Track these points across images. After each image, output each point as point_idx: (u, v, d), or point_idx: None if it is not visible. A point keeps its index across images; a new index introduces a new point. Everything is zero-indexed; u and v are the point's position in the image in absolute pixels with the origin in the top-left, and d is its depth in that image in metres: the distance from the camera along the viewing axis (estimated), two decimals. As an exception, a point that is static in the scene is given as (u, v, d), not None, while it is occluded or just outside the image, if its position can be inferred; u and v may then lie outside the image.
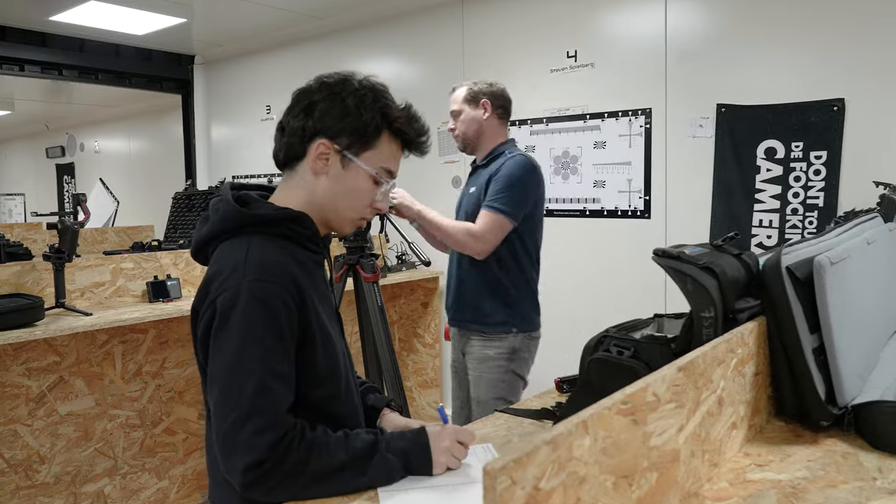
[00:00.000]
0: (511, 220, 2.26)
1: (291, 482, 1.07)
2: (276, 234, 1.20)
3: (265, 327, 1.10)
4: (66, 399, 2.90)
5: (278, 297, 1.12)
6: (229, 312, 1.10)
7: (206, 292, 1.15)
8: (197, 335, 1.18)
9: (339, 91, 1.23)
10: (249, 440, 1.05)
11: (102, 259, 3.10)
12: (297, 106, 1.24)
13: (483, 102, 2.41)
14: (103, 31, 4.76)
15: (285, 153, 1.26)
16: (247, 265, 1.13)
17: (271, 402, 1.08)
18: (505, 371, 2.32)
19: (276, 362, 1.10)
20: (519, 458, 0.65)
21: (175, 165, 6.14)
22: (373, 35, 4.59)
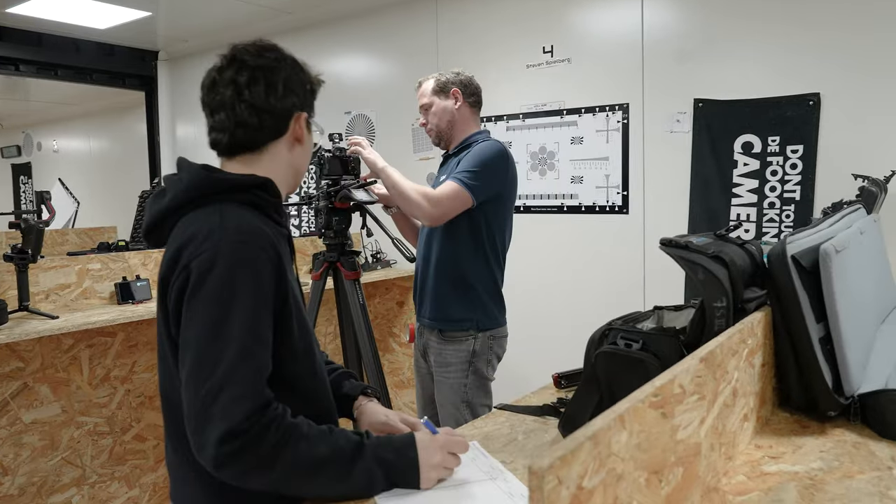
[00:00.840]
0: (471, 195, 2.17)
1: (266, 466, 0.99)
2: (244, 202, 1.14)
3: (247, 289, 1.03)
4: (31, 406, 2.78)
5: (260, 260, 1.06)
6: (207, 275, 1.03)
7: (177, 259, 1.07)
8: (168, 308, 1.09)
9: (286, 60, 1.23)
10: (225, 408, 0.96)
11: (68, 260, 2.97)
12: (256, 82, 1.18)
13: (453, 92, 2.36)
14: (63, 24, 4.58)
15: (260, 133, 1.20)
16: (223, 227, 1.06)
17: (252, 370, 1.00)
18: (465, 375, 2.27)
19: (259, 327, 1.04)
20: (563, 456, 0.61)
21: (138, 165, 5.97)
22: (344, 30, 4.51)
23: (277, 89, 1.19)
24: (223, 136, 1.20)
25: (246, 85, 1.17)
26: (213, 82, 1.20)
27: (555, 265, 3.59)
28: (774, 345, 1.29)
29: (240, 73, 1.18)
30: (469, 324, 2.27)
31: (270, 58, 1.21)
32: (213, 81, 1.20)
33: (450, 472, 1.09)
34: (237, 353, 1.00)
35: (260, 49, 1.22)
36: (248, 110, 1.17)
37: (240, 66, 1.18)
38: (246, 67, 1.18)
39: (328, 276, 2.54)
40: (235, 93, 1.17)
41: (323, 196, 2.44)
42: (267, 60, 1.20)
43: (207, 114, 1.22)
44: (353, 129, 4.48)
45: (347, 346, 2.62)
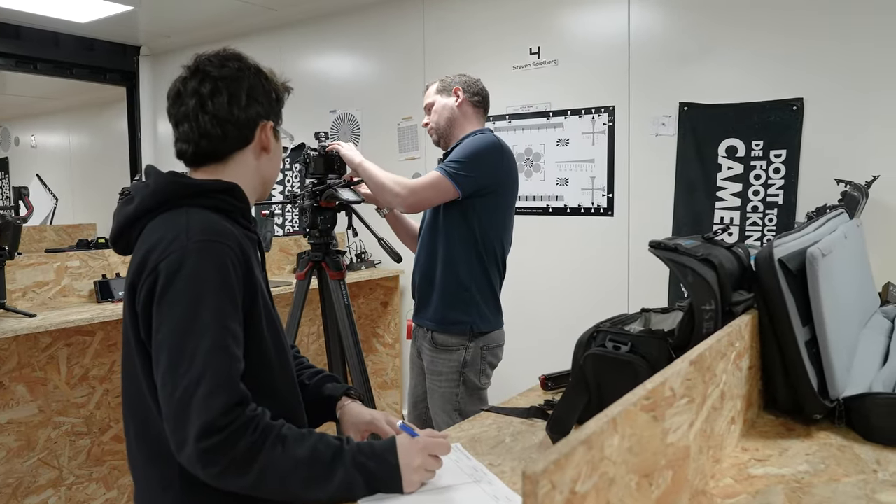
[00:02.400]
0: (455, 185, 2.10)
1: (243, 467, 0.98)
2: (210, 207, 1.15)
3: (216, 286, 1.04)
4: (7, 406, 2.73)
5: (227, 258, 1.07)
6: (175, 275, 1.03)
7: (145, 263, 1.07)
8: (136, 311, 1.08)
9: (250, 70, 1.23)
10: (201, 403, 0.97)
11: (46, 257, 2.92)
12: (219, 92, 1.18)
13: (455, 90, 2.32)
14: (42, 17, 4.51)
15: (223, 143, 1.20)
16: (189, 229, 1.07)
17: (225, 364, 1.01)
18: (456, 385, 2.23)
19: (229, 321, 1.04)
20: (558, 460, 0.60)
21: (118, 161, 5.90)
22: (329, 28, 4.49)
23: (240, 99, 1.19)
24: (188, 147, 1.20)
25: (209, 96, 1.18)
26: (178, 93, 1.21)
27: (540, 266, 3.60)
28: (761, 347, 1.29)
29: (203, 84, 1.18)
30: (464, 326, 2.21)
31: (233, 68, 1.21)
32: (178, 92, 1.21)
33: (432, 474, 1.08)
34: (210, 348, 1.00)
35: (223, 59, 1.21)
36: (212, 121, 1.18)
37: (203, 76, 1.19)
38: (209, 78, 1.18)
39: (313, 275, 2.51)
40: (199, 104, 1.18)
41: (308, 195, 2.42)
42: (229, 71, 1.20)
43: (173, 125, 1.22)
44: (338, 127, 4.46)
45: (332, 346, 2.60)
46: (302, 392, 1.30)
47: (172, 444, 1.00)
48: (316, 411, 1.34)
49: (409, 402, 2.48)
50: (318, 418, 1.34)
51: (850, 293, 1.54)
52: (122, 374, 1.18)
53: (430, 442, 1.08)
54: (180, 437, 0.98)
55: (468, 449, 1.24)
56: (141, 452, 1.15)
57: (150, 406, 1.09)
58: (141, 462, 1.15)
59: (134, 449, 1.17)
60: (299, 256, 2.52)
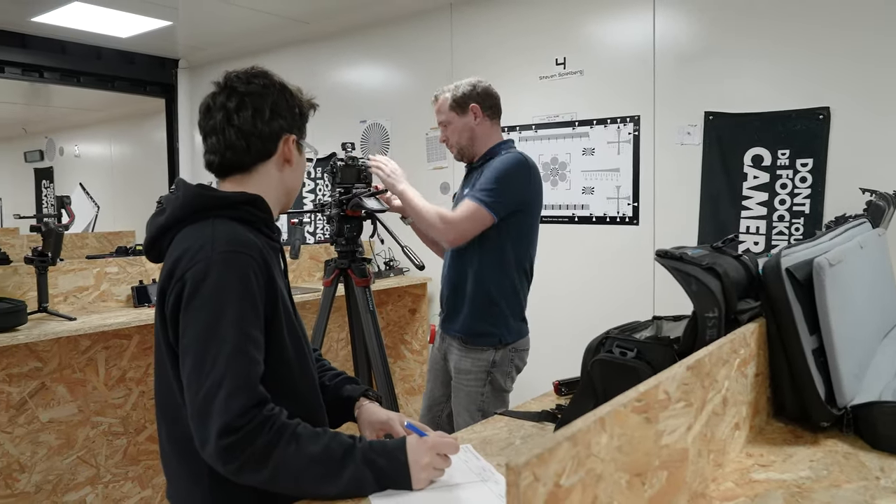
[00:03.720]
0: (491, 213, 2.15)
1: (260, 463, 1.05)
2: (235, 218, 1.22)
3: (239, 294, 1.11)
4: (48, 406, 2.84)
5: (250, 267, 1.14)
6: (201, 284, 1.10)
7: (173, 271, 1.15)
8: (165, 316, 1.16)
9: (274, 86, 1.31)
10: (222, 404, 1.04)
11: (86, 263, 3.05)
12: (244, 107, 1.26)
13: (472, 108, 2.34)
14: (86, 32, 4.70)
15: (248, 155, 1.27)
16: (215, 240, 1.15)
17: (245, 367, 1.08)
18: (483, 384, 2.26)
19: (250, 328, 1.11)
20: (541, 454, 0.64)
21: (158, 170, 6.08)
22: (359, 41, 4.59)
23: (264, 114, 1.27)
24: (215, 158, 1.29)
25: (235, 110, 1.26)
26: (208, 108, 1.29)
27: (565, 275, 3.62)
28: (769, 355, 1.31)
29: (230, 99, 1.26)
30: (492, 339, 2.26)
31: (258, 84, 1.29)
32: (208, 107, 1.29)
33: (440, 472, 1.13)
34: (231, 353, 1.07)
35: (249, 76, 1.29)
36: (237, 134, 1.26)
37: (230, 92, 1.27)
38: (235, 94, 1.27)
39: (339, 282, 2.58)
40: (225, 118, 1.26)
41: (335, 204, 2.49)
42: (255, 87, 1.28)
43: (203, 137, 1.31)
44: (367, 137, 4.54)
45: (358, 351, 2.66)
46: (322, 393, 1.36)
47: (196, 441, 1.07)
48: (335, 411, 1.39)
49: (425, 404, 2.51)
50: (337, 418, 1.40)
51: (866, 302, 1.55)
52: (155, 376, 1.25)
53: (438, 441, 1.13)
54: (203, 435, 1.05)
55: (478, 450, 1.29)
56: (172, 450, 1.22)
57: (180, 405, 1.15)
58: (173, 459, 1.23)
59: (166, 446, 1.24)
60: (326, 263, 2.59)
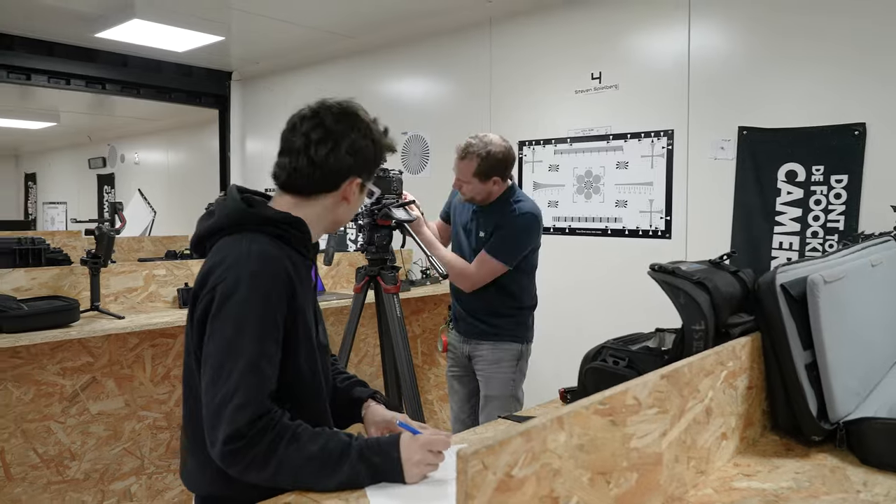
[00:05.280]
0: (506, 266, 2.53)
1: (262, 464, 1.15)
2: (274, 235, 1.30)
3: (260, 312, 1.20)
4: (98, 399, 3.02)
5: (273, 290, 1.23)
6: (228, 299, 1.20)
7: (206, 280, 1.25)
8: (194, 318, 1.27)
9: (359, 129, 1.36)
10: (231, 414, 1.14)
11: (136, 265, 3.23)
12: (324, 142, 1.32)
13: (494, 180, 2.55)
14: (146, 47, 4.96)
15: (311, 184, 1.35)
16: (248, 258, 1.23)
17: (257, 382, 1.17)
18: (513, 371, 2.62)
19: (266, 345, 1.20)
20: (491, 446, 0.71)
21: (211, 178, 6.33)
22: (402, 54, 4.71)
23: (340, 153, 1.33)
24: (282, 175, 1.37)
25: (315, 142, 1.33)
26: (293, 127, 1.37)
27: (596, 286, 3.65)
28: (765, 369, 1.34)
29: (314, 130, 1.33)
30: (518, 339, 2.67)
31: (346, 124, 1.35)
32: (294, 126, 1.37)
33: (433, 467, 1.20)
34: (244, 370, 1.17)
35: (341, 113, 1.36)
36: (309, 164, 1.33)
37: (318, 123, 1.34)
38: (322, 127, 1.33)
39: (369, 288, 2.68)
40: (304, 145, 1.33)
41: (366, 214, 2.60)
42: (341, 126, 1.34)
43: (279, 150, 1.39)
44: (409, 149, 4.66)
45: (386, 356, 2.76)
46: (334, 394, 1.46)
47: (207, 442, 1.19)
48: (345, 412, 1.49)
49: (455, 408, 2.84)
50: (346, 419, 1.50)
51: (873, 319, 1.56)
52: (183, 365, 1.37)
53: (429, 438, 1.21)
54: (212, 438, 1.17)
55: (478, 450, 1.35)
56: (188, 437, 1.35)
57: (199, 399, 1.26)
58: (189, 445, 1.35)
59: (185, 432, 1.36)
60: (357, 271, 2.70)
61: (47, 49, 4.89)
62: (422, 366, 4.36)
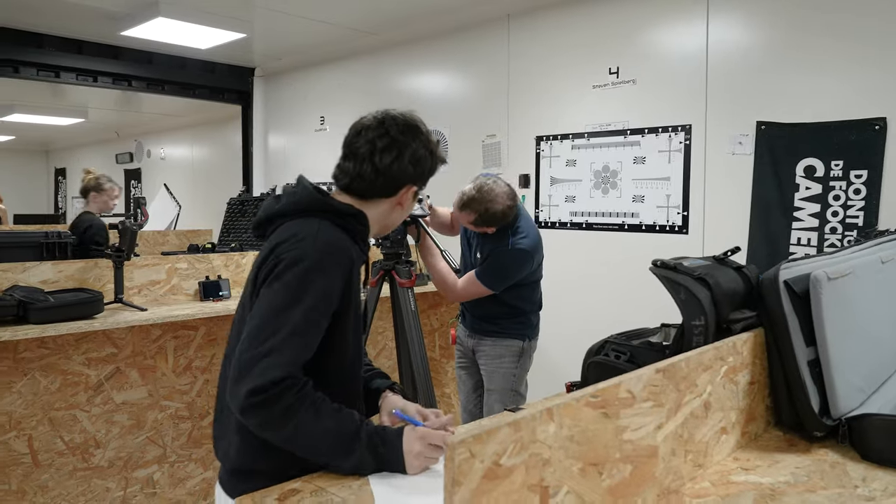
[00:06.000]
0: (492, 291, 2.60)
1: (280, 422, 1.17)
2: (339, 225, 1.35)
3: (317, 289, 1.24)
4: (122, 389, 3.10)
5: (335, 272, 1.28)
6: (292, 266, 1.24)
7: (274, 249, 1.29)
8: (257, 285, 1.31)
9: (421, 140, 1.42)
10: (261, 370, 1.17)
11: (159, 259, 3.30)
12: (389, 151, 1.38)
13: (490, 229, 2.63)
14: (170, 45, 5.04)
15: (372, 189, 1.40)
16: (318, 238, 1.29)
17: (296, 349, 1.20)
18: (515, 366, 2.69)
19: (313, 322, 1.24)
20: (479, 435, 0.74)
21: (234, 173, 6.42)
22: (422, 50, 4.74)
23: (403, 163, 1.39)
24: (344, 178, 1.42)
25: (380, 150, 1.38)
26: (358, 133, 1.41)
27: (611, 280, 3.65)
28: (768, 365, 1.35)
29: (380, 139, 1.38)
30: (521, 337, 2.74)
31: (410, 135, 1.41)
32: (359, 132, 1.41)
33: (433, 460, 1.24)
34: (289, 333, 1.20)
35: (405, 125, 1.41)
36: (372, 171, 1.38)
37: (384, 132, 1.39)
38: (388, 136, 1.38)
39: (384, 282, 2.72)
40: (369, 152, 1.38)
41: (381, 208, 2.63)
42: (405, 137, 1.40)
43: (342, 153, 1.44)
44: (427, 144, 4.68)
45: (401, 348, 2.80)
46: None
47: (229, 391, 1.21)
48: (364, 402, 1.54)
49: (462, 399, 2.89)
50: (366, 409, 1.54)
51: (882, 316, 1.55)
52: (231, 336, 1.41)
53: (426, 432, 1.25)
54: (236, 389, 1.18)
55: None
56: (223, 400, 1.38)
57: None
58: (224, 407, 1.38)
59: (221, 395, 1.40)
60: (373, 265, 2.74)
61: (76, 47, 5.00)
62: (439, 359, 4.40)
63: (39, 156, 12.23)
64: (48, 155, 12.22)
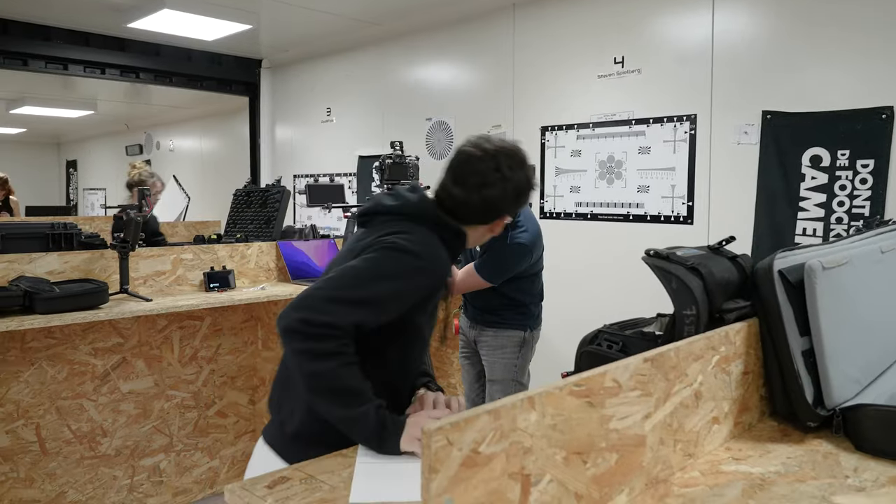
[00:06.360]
0: (490, 283, 2.60)
1: (311, 358, 1.22)
2: (441, 236, 1.41)
3: (406, 284, 1.31)
4: (128, 378, 3.13)
5: (431, 278, 1.36)
6: (395, 252, 1.31)
7: (386, 234, 1.35)
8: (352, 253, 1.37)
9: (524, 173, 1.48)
10: (324, 309, 1.23)
11: (164, 249, 3.32)
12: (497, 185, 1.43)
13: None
14: (177, 36, 5.05)
15: (472, 216, 1.46)
16: (429, 243, 1.37)
17: (355, 315, 1.26)
18: (516, 357, 2.70)
19: (389, 305, 1.31)
20: (457, 422, 0.74)
21: (242, 164, 6.44)
22: (427, 41, 4.72)
23: (507, 196, 1.45)
24: (448, 201, 1.46)
25: (490, 184, 1.43)
26: (468, 161, 1.45)
27: (616, 270, 3.63)
28: (763, 355, 1.34)
29: (492, 173, 1.43)
30: (522, 327, 2.73)
31: (519, 172, 1.46)
32: (468, 160, 1.46)
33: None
34: (360, 299, 1.27)
35: (514, 162, 1.46)
36: (479, 202, 1.44)
37: (495, 167, 1.43)
38: (499, 171, 1.43)
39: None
40: (479, 185, 1.43)
41: (383, 200, 2.65)
42: (515, 173, 1.45)
43: (451, 176, 1.47)
44: (433, 135, 4.68)
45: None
46: None
47: (283, 311, 1.26)
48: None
49: (466, 385, 2.95)
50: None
51: (881, 306, 1.54)
52: None
53: (416, 419, 1.26)
54: (291, 312, 1.24)
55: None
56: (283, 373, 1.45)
57: None
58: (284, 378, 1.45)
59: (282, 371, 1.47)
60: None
61: (83, 39, 5.02)
62: (444, 350, 4.40)
63: (51, 148, 12.32)
64: (59, 147, 12.31)
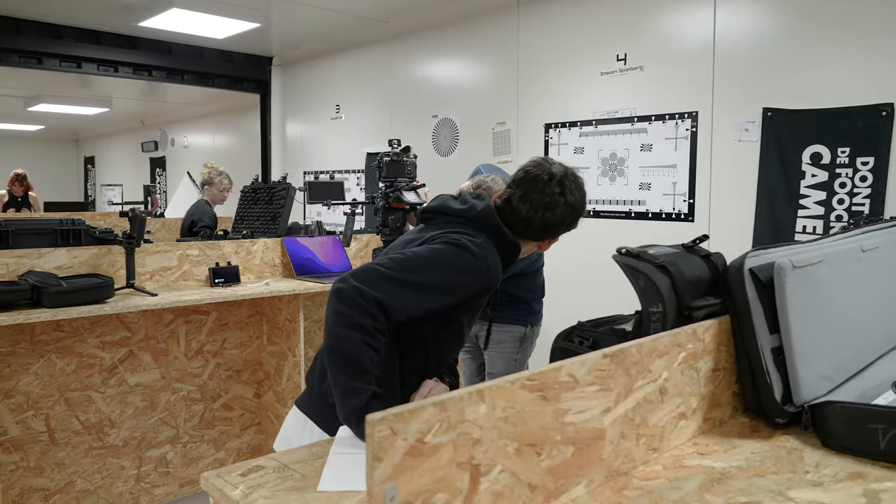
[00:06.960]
0: None
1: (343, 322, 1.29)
2: (499, 245, 1.49)
3: (456, 280, 1.39)
4: (135, 371, 3.20)
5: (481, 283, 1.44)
6: (451, 244, 1.40)
7: (449, 233, 1.43)
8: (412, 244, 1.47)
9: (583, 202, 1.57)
10: (377, 282, 1.32)
11: (171, 245, 3.39)
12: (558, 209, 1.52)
13: None
14: (188, 35, 5.13)
15: (529, 233, 1.54)
16: (488, 248, 1.45)
17: (406, 294, 1.34)
18: (516, 352, 2.75)
19: (433, 296, 1.38)
20: (401, 413, 0.77)
21: (255, 160, 6.52)
22: (433, 39, 4.75)
23: (566, 221, 1.54)
24: (510, 216, 1.53)
25: (554, 206, 1.51)
26: (535, 181, 1.52)
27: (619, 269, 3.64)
28: (735, 352, 1.36)
29: (560, 196, 1.51)
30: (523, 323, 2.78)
31: (580, 200, 1.55)
32: (535, 181, 1.52)
33: None
34: (415, 283, 1.35)
35: (579, 188, 1.55)
36: (541, 222, 1.52)
37: (560, 192, 1.51)
38: (561, 196, 1.51)
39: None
40: (544, 206, 1.51)
41: (381, 196, 2.68)
42: (575, 200, 1.53)
43: (520, 193, 1.53)
44: (438, 132, 4.71)
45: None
46: None
47: (343, 277, 1.34)
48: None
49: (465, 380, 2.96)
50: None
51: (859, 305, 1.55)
52: None
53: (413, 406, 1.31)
54: (350, 277, 1.32)
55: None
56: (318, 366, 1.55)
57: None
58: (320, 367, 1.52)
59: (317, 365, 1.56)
60: (374, 252, 2.78)
61: (95, 38, 5.11)
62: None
63: (69, 144, 12.52)
64: (78, 143, 12.50)
